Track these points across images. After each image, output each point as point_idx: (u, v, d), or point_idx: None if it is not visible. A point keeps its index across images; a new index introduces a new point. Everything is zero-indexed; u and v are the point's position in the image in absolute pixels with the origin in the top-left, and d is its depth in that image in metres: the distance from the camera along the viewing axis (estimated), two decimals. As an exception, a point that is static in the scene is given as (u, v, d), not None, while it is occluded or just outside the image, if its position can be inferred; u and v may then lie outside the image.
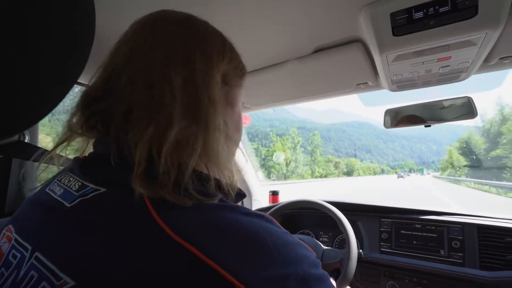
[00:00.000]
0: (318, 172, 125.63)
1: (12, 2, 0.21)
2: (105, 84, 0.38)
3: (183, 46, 0.39)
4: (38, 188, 0.41)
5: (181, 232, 0.27)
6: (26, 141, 0.85)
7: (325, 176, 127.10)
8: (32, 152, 0.77)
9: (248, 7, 0.64)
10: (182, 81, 0.36)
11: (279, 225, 0.34)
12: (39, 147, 0.78)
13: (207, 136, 0.37)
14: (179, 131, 0.34)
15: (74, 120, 0.39)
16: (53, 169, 0.44)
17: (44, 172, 0.45)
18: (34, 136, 0.94)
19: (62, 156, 0.42)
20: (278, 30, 0.75)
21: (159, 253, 0.26)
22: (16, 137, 0.79)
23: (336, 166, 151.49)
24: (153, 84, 0.35)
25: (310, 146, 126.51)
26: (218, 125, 0.38)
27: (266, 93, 1.18)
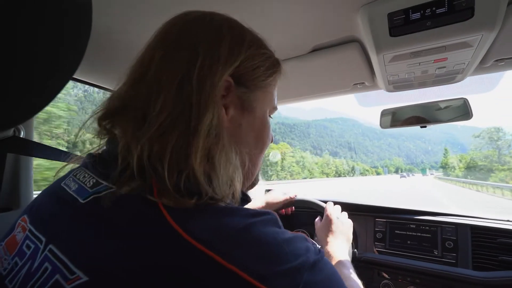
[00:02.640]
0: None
1: None
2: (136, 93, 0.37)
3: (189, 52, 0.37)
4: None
5: (196, 236, 0.28)
6: (21, 136, 0.84)
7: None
8: (28, 147, 0.77)
9: (244, 5, 0.64)
10: (177, 88, 0.35)
11: (281, 225, 0.36)
12: (36, 142, 0.78)
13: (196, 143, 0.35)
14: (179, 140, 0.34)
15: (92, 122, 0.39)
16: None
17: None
18: (29, 131, 0.93)
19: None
20: (275, 29, 0.75)
21: (174, 255, 0.27)
22: (11, 132, 0.79)
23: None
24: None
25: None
26: (213, 133, 0.36)
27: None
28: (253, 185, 0.51)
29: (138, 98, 0.36)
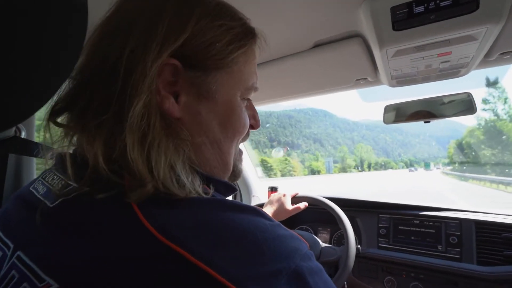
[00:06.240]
0: None
1: None
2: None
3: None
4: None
5: (168, 234, 0.26)
6: (22, 136, 0.84)
7: None
8: (29, 147, 0.77)
9: (244, 0, 0.63)
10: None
11: (271, 217, 0.32)
12: (36, 142, 0.78)
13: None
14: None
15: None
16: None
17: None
18: (30, 131, 0.93)
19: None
20: (277, 24, 0.74)
21: (146, 256, 0.25)
22: (12, 133, 0.78)
23: None
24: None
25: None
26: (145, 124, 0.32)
27: (264, 88, 1.17)
28: (234, 175, 0.48)
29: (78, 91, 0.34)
